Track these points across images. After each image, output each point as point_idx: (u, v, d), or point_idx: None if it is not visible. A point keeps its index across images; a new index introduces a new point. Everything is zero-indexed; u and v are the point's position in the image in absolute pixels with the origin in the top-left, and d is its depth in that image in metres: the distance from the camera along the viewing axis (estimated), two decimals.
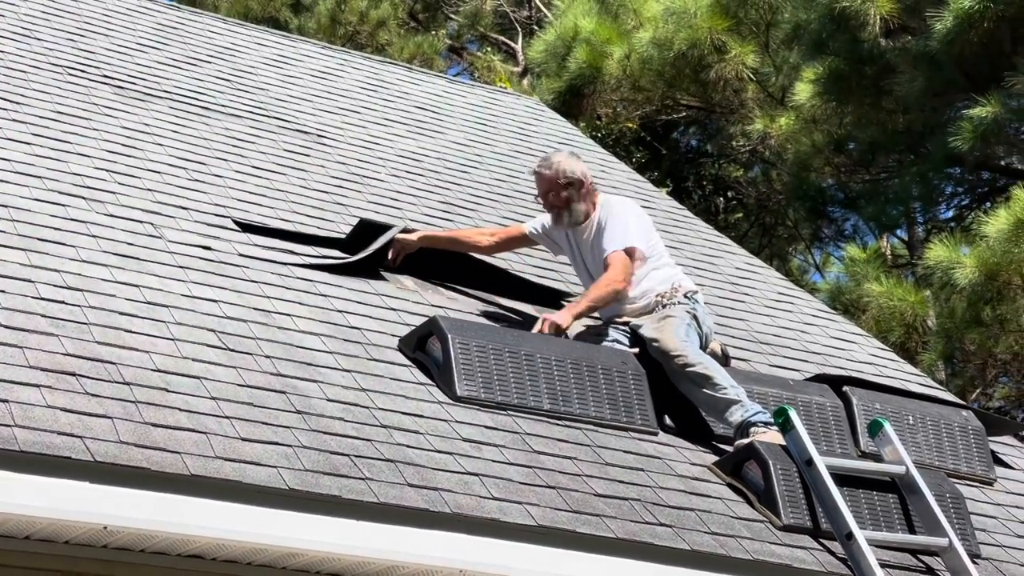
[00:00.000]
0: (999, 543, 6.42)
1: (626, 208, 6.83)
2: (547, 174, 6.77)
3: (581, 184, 6.73)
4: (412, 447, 5.39)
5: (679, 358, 6.32)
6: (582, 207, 6.74)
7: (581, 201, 6.74)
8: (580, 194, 6.73)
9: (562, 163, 6.77)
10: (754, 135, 17.49)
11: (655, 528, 5.43)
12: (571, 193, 6.72)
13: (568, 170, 6.73)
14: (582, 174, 6.74)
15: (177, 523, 4.69)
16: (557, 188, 6.74)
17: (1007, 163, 17.14)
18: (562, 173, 6.73)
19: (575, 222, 6.76)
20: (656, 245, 6.81)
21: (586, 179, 6.75)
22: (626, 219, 6.70)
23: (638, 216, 6.82)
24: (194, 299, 6.04)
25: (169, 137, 7.94)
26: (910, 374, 8.33)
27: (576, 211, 6.74)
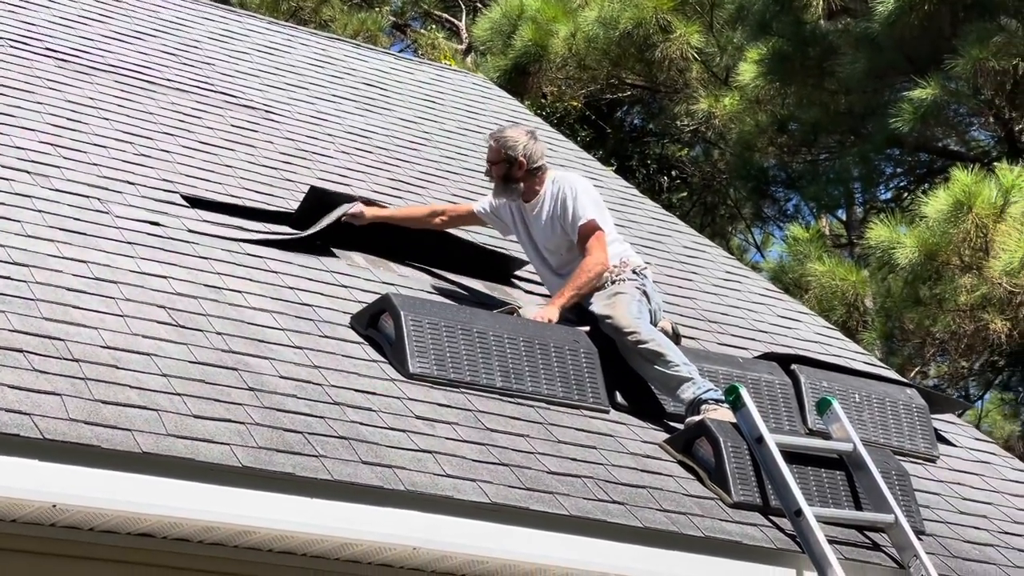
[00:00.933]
0: (942, 519, 6.49)
1: (578, 184, 6.84)
2: (493, 145, 6.86)
3: (521, 164, 6.76)
4: (365, 424, 5.38)
5: (632, 335, 6.34)
6: (520, 185, 6.78)
7: (520, 180, 6.77)
8: (518, 171, 6.76)
9: (508, 138, 6.82)
10: (698, 115, 17.54)
11: (607, 505, 5.44)
12: (509, 169, 6.77)
13: (510, 146, 6.78)
14: (523, 153, 6.76)
15: (128, 501, 4.65)
16: (497, 161, 6.81)
17: (945, 145, 17.29)
18: (504, 147, 6.79)
19: (512, 197, 6.81)
20: (607, 222, 6.83)
21: (528, 158, 6.76)
22: (588, 195, 6.72)
23: (587, 190, 6.83)
24: (143, 275, 5.99)
25: (115, 111, 7.86)
26: (855, 352, 8.39)
27: (512, 187, 6.78)
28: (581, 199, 6.69)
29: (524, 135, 6.86)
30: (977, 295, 13.22)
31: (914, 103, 14.55)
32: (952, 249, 13.20)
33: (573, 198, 6.69)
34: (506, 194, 6.85)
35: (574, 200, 6.68)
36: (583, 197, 6.71)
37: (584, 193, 6.75)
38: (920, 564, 5.80)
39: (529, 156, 6.78)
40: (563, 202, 6.70)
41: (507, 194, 6.84)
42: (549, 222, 6.74)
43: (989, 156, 16.23)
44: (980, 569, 6.09)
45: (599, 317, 6.46)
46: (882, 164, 17.38)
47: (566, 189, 6.73)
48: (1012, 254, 12.68)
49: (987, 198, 12.88)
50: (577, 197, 6.69)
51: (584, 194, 6.74)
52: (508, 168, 6.78)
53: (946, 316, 13.72)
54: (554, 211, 6.72)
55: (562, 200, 6.71)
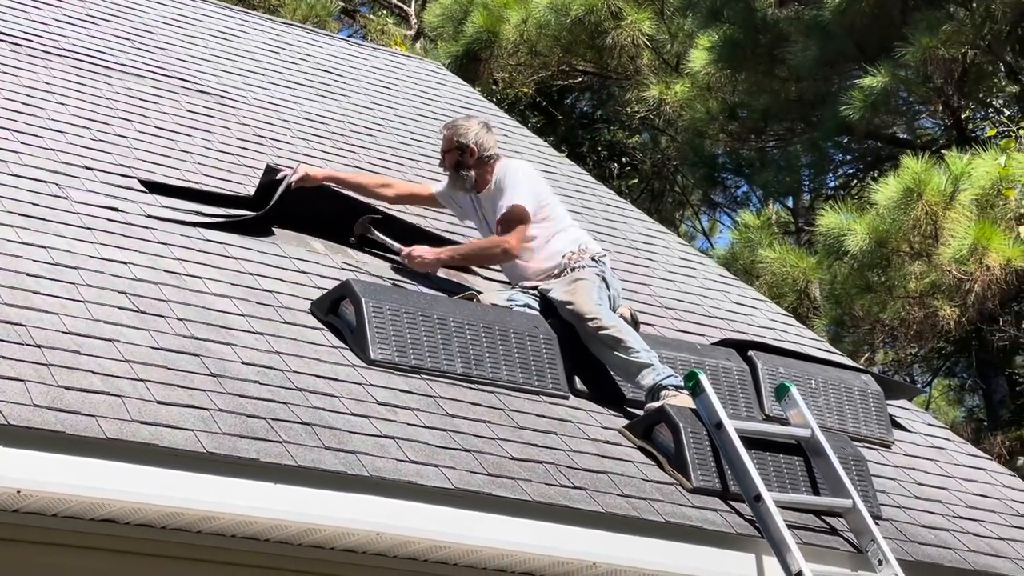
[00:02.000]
0: (898, 504, 6.56)
1: (519, 169, 6.89)
2: (446, 134, 6.97)
3: (472, 152, 6.83)
4: (328, 410, 5.38)
5: (593, 321, 6.37)
6: (472, 174, 6.85)
7: (472, 168, 6.84)
8: (470, 160, 6.84)
9: (460, 128, 6.91)
10: (649, 101, 17.58)
11: (569, 491, 5.47)
12: (460, 158, 6.86)
13: (461, 134, 6.87)
14: (474, 142, 6.83)
15: (92, 487, 4.64)
16: (450, 150, 6.90)
17: (894, 133, 17.41)
18: (456, 136, 6.88)
19: (463, 187, 6.88)
20: (555, 208, 6.86)
21: (479, 146, 6.83)
22: (516, 179, 6.78)
23: (530, 177, 6.87)
24: (103, 260, 5.97)
25: (70, 96, 7.81)
26: (810, 339, 8.46)
27: (464, 176, 6.86)
28: (512, 184, 6.74)
29: (477, 125, 6.95)
30: (926, 282, 13.33)
31: (864, 91, 14.64)
32: (902, 236, 13.30)
33: (508, 183, 6.75)
34: (458, 183, 6.91)
35: (506, 185, 6.75)
36: (514, 181, 6.75)
37: (519, 178, 6.79)
38: (877, 548, 5.86)
39: (480, 144, 6.85)
40: (500, 186, 6.78)
41: (459, 183, 6.91)
42: (493, 212, 6.80)
43: (938, 144, 16.36)
44: (936, 553, 6.16)
45: (559, 303, 6.49)
46: (832, 152, 17.49)
47: (507, 174, 6.80)
48: (961, 241, 12.79)
49: (936, 186, 12.99)
50: (507, 180, 6.76)
51: (518, 179, 6.78)
52: (460, 156, 6.86)
53: (895, 303, 13.82)
54: (495, 196, 6.80)
55: (500, 184, 6.79)
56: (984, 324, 14.92)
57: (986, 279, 12.89)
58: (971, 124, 16.74)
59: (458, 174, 6.89)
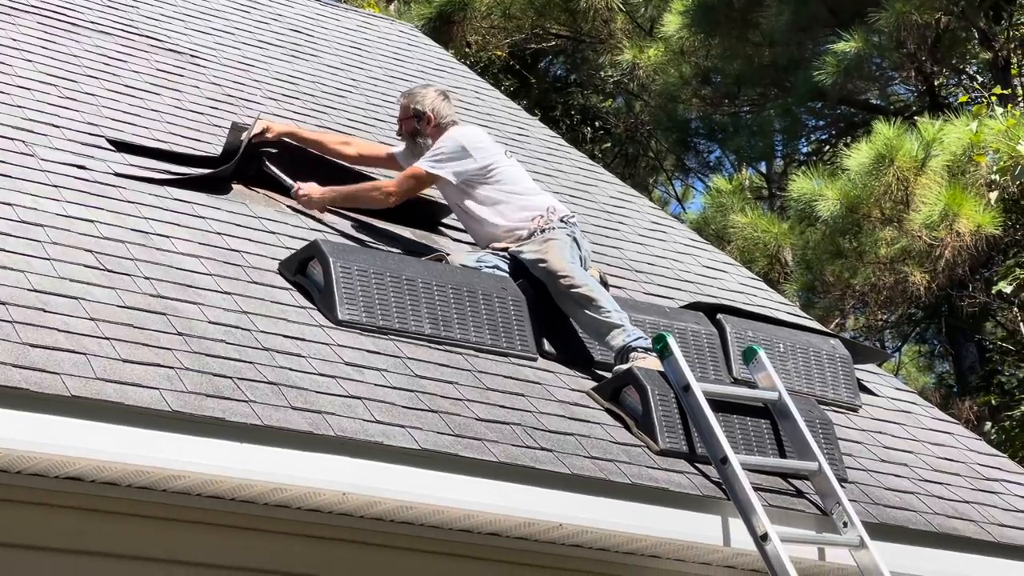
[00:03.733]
0: (864, 467, 6.59)
1: (455, 135, 6.78)
2: (403, 102, 7.01)
3: (429, 120, 6.86)
4: (295, 370, 5.37)
5: (565, 279, 6.36)
6: (429, 141, 6.84)
7: (428, 136, 6.85)
8: (426, 128, 6.86)
9: (417, 96, 6.94)
10: (622, 66, 17.55)
11: (536, 452, 5.47)
12: (416, 126, 6.89)
13: (419, 103, 6.90)
14: (431, 110, 6.85)
15: (56, 444, 4.62)
16: (407, 118, 6.94)
17: (867, 98, 17.43)
18: (413, 104, 6.91)
19: (420, 154, 6.85)
20: (507, 170, 6.74)
21: (435, 115, 6.85)
22: (442, 144, 6.73)
23: (468, 141, 6.73)
24: (70, 219, 5.93)
25: (38, 53, 7.75)
26: (779, 303, 8.47)
27: (421, 144, 6.86)
28: (439, 149, 6.70)
29: (433, 92, 6.97)
30: (897, 248, 13.38)
31: (837, 56, 14.66)
32: (873, 202, 13.34)
33: (438, 145, 6.72)
34: (415, 150, 6.91)
35: (435, 148, 6.72)
36: (446, 149, 6.69)
37: (446, 144, 6.71)
38: (843, 511, 5.89)
39: (436, 112, 6.87)
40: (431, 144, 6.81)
41: (416, 150, 6.91)
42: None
43: (910, 110, 16.39)
44: (901, 515, 6.19)
45: (531, 262, 6.48)
46: (805, 117, 17.50)
47: (443, 138, 6.77)
48: (932, 207, 12.84)
49: (908, 151, 13.02)
50: (441, 146, 6.71)
51: (444, 145, 6.71)
52: (416, 124, 6.89)
53: (866, 268, 13.88)
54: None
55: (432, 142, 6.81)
56: (954, 290, 14.99)
57: (956, 245, 12.95)
58: (944, 90, 16.78)
59: (415, 141, 6.92)
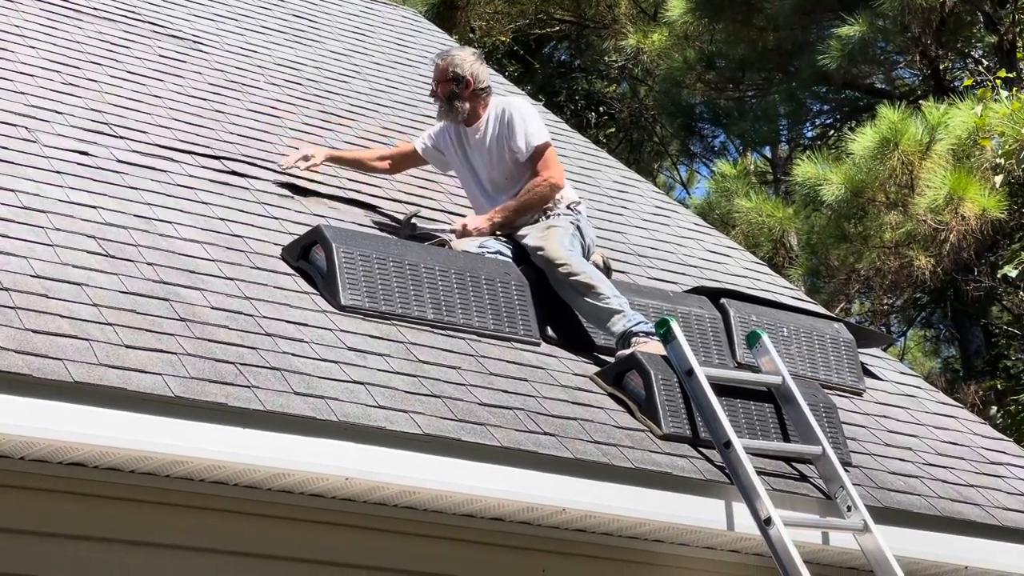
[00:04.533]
0: (868, 451, 6.58)
1: (526, 106, 6.81)
2: (440, 64, 6.81)
3: (467, 84, 6.71)
4: (297, 356, 5.36)
5: (563, 267, 6.36)
6: (466, 105, 6.73)
7: (466, 100, 6.72)
8: (464, 92, 6.71)
9: (456, 58, 6.78)
10: (627, 51, 17.53)
11: (539, 437, 5.47)
12: (454, 88, 6.72)
13: (457, 65, 6.74)
14: (470, 74, 6.72)
15: (60, 430, 4.62)
16: (444, 80, 6.76)
17: (871, 82, 17.40)
18: (451, 67, 6.74)
19: (455, 118, 6.75)
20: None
21: (474, 79, 6.72)
22: (527, 115, 6.70)
23: (537, 114, 6.81)
24: (72, 204, 5.93)
25: (41, 40, 7.74)
26: (783, 287, 8.46)
27: (457, 108, 6.73)
28: (531, 120, 6.67)
29: (472, 56, 6.84)
30: (902, 232, 13.35)
31: (842, 40, 14.62)
32: (878, 186, 13.32)
33: (523, 119, 6.66)
34: (450, 115, 6.78)
35: (524, 121, 6.65)
36: (532, 119, 6.69)
37: (533, 115, 6.74)
38: (846, 495, 5.88)
39: (475, 76, 6.74)
40: (510, 124, 6.66)
41: (451, 115, 6.77)
42: (494, 144, 6.69)
43: (915, 94, 16.35)
44: (905, 499, 6.18)
45: (531, 249, 6.47)
46: (809, 101, 17.47)
47: (513, 111, 6.70)
48: (937, 191, 12.81)
49: (913, 135, 12.99)
50: (526, 118, 6.68)
51: (533, 116, 6.73)
52: (454, 87, 6.73)
53: (871, 253, 13.85)
54: (500, 133, 6.68)
55: (509, 121, 6.67)
56: (959, 274, 14.96)
57: (961, 229, 12.92)
58: (949, 74, 16.73)
59: (452, 106, 6.75)
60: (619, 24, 17.76)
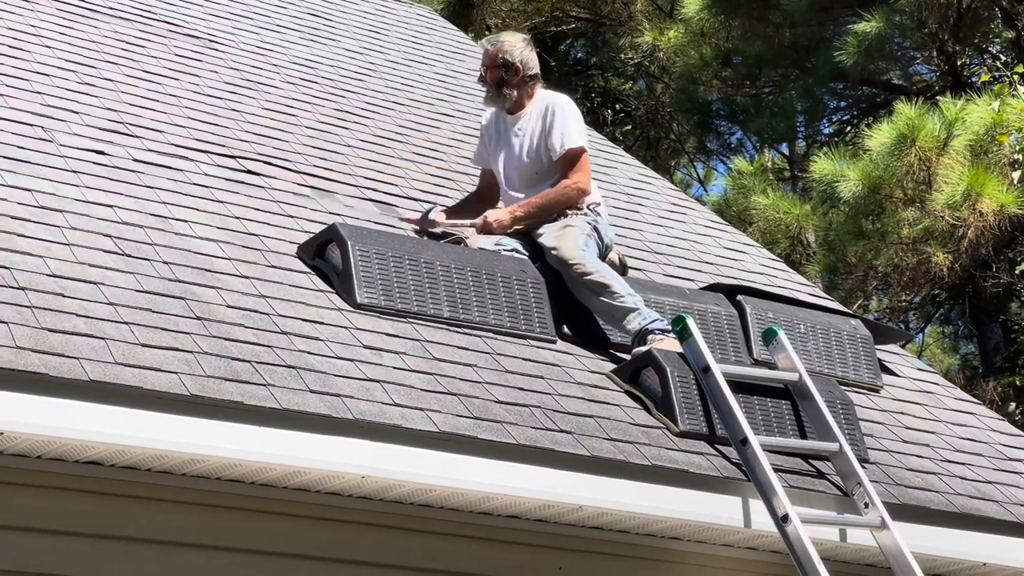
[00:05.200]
0: (886, 448, 6.56)
1: (568, 105, 6.68)
2: (490, 50, 6.71)
3: (517, 71, 6.63)
4: (313, 354, 5.37)
5: (576, 266, 6.34)
6: (514, 93, 6.64)
7: (514, 88, 6.64)
8: (513, 79, 6.62)
9: (506, 44, 6.67)
10: (643, 48, 17.51)
11: (555, 435, 5.47)
12: (503, 75, 6.63)
13: (507, 52, 6.64)
14: (520, 60, 6.63)
15: (76, 429, 4.63)
16: (494, 66, 6.66)
17: (888, 79, 17.35)
18: (501, 52, 6.65)
19: (502, 104, 6.66)
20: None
21: (523, 66, 6.63)
22: (568, 117, 6.60)
23: (578, 116, 6.71)
24: (88, 204, 5.94)
25: (57, 39, 7.77)
26: (800, 284, 8.45)
27: (505, 95, 6.63)
28: (572, 122, 6.59)
29: (521, 41, 6.75)
30: (919, 228, 13.32)
31: (858, 36, 14.58)
32: (895, 182, 13.27)
33: (564, 119, 6.57)
34: (498, 101, 6.68)
35: (565, 122, 6.56)
36: (574, 121, 6.61)
37: (576, 118, 6.64)
38: (864, 491, 5.86)
39: (525, 62, 6.66)
40: (551, 121, 6.57)
41: (499, 101, 6.67)
42: (533, 138, 6.62)
43: (932, 90, 16.30)
44: (923, 496, 6.16)
45: (547, 248, 6.46)
46: (826, 98, 17.43)
47: (557, 109, 6.60)
48: (955, 187, 12.77)
49: (930, 131, 12.95)
50: (568, 119, 6.58)
51: (576, 119, 6.64)
52: (503, 73, 6.65)
53: (889, 249, 13.81)
54: (540, 128, 6.59)
55: (550, 119, 6.58)
56: (977, 270, 14.91)
57: (979, 225, 12.88)
58: (966, 70, 16.68)
59: (500, 92, 6.65)
60: (635, 21, 17.74)
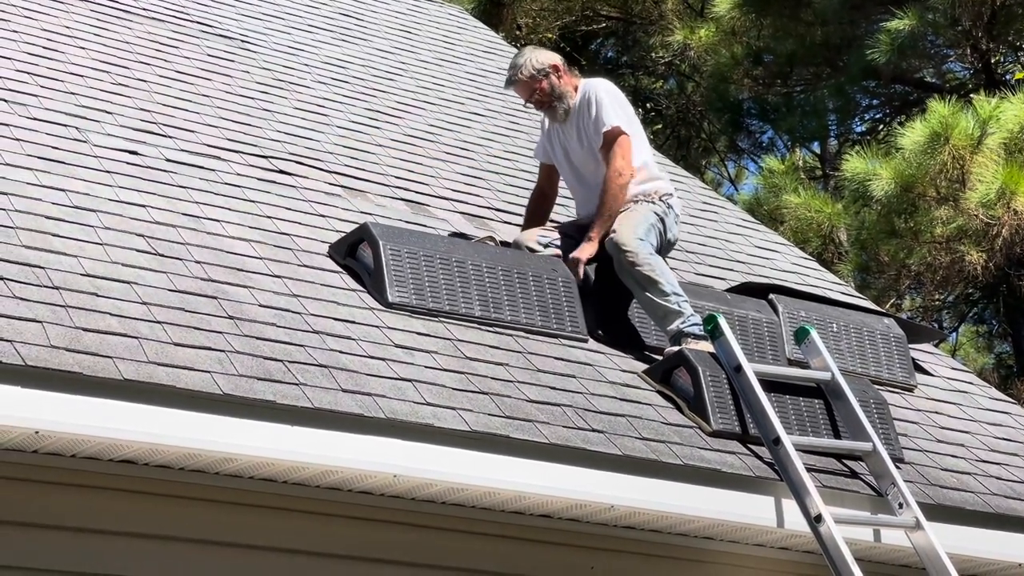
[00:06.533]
0: (920, 448, 6.53)
1: (609, 88, 6.58)
2: (522, 78, 6.56)
3: (556, 68, 6.54)
4: (345, 353, 5.37)
5: (628, 255, 6.27)
6: (568, 90, 6.54)
7: (564, 86, 6.53)
8: (560, 80, 6.52)
9: (529, 60, 6.56)
10: (674, 47, 17.47)
11: (587, 434, 5.46)
12: (551, 81, 6.53)
13: (537, 62, 6.54)
14: (549, 63, 6.54)
15: (110, 428, 4.65)
16: (537, 84, 6.54)
17: (921, 77, 17.27)
18: (533, 68, 6.53)
19: (567, 107, 6.53)
20: (637, 135, 6.54)
21: (558, 62, 6.56)
22: (615, 100, 6.50)
23: (621, 98, 6.58)
24: (121, 204, 5.97)
25: (90, 40, 7.80)
26: (832, 283, 8.42)
27: (564, 96, 6.52)
28: (606, 104, 6.47)
29: (534, 50, 6.63)
30: (953, 227, 13.24)
31: (891, 34, 14.51)
32: (928, 181, 13.20)
33: (598, 101, 6.47)
34: (563, 104, 6.51)
35: (599, 105, 6.46)
36: (608, 101, 6.48)
37: (610, 97, 6.51)
38: (898, 492, 5.84)
39: (555, 59, 6.53)
40: (588, 106, 6.48)
41: (563, 104, 6.51)
42: (581, 131, 6.55)
43: (965, 88, 16.22)
44: (958, 496, 6.13)
45: (610, 233, 6.37)
46: (858, 96, 17.36)
47: (592, 94, 6.50)
48: (988, 186, 12.70)
49: (964, 130, 12.88)
50: (602, 100, 6.47)
51: (611, 98, 6.50)
52: (550, 79, 6.50)
53: (922, 248, 13.74)
54: (587, 118, 6.51)
55: (587, 105, 6.49)
56: (1012, 269, 14.83)
57: (1014, 224, 12.80)
58: (1000, 67, 16.59)
59: (558, 97, 6.50)
60: (666, 20, 17.71)
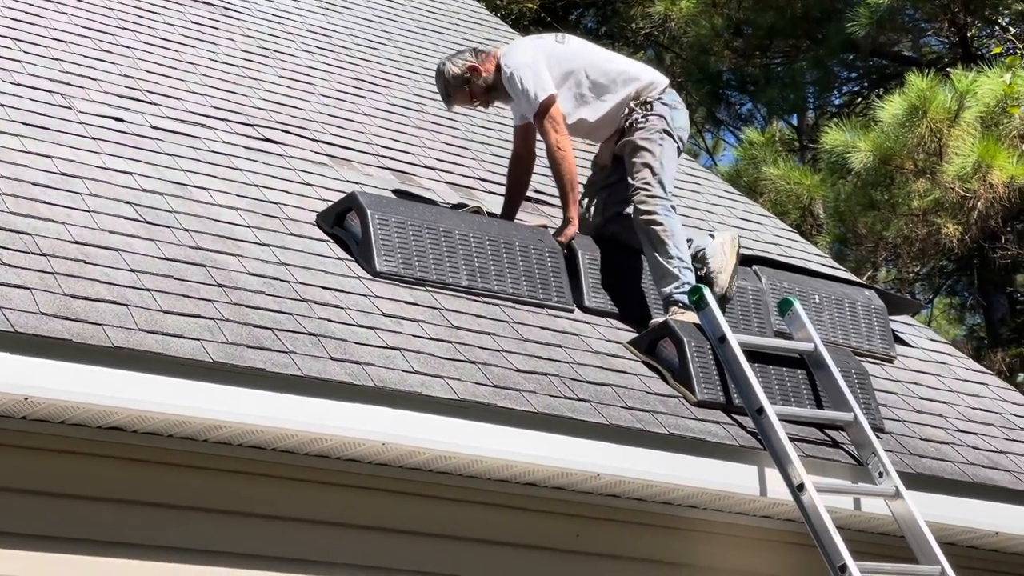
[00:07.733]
0: (900, 418, 6.59)
1: (517, 58, 6.48)
2: (454, 92, 6.57)
3: (473, 69, 6.52)
4: (333, 321, 5.40)
5: (647, 214, 6.29)
6: (495, 77, 6.50)
7: (489, 75, 6.52)
8: (482, 74, 6.52)
9: (449, 76, 6.52)
10: (654, 17, 17.47)
11: (574, 403, 5.50)
12: (477, 83, 6.53)
13: (454, 74, 6.52)
14: (464, 64, 6.52)
15: (99, 395, 4.66)
16: (469, 89, 6.55)
17: (899, 50, 17.33)
18: (456, 80, 6.52)
19: (505, 90, 6.52)
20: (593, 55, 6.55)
21: (477, 59, 6.54)
22: (526, 70, 6.42)
23: (531, 57, 6.46)
24: (108, 171, 5.97)
25: (74, 6, 7.77)
26: (813, 255, 8.46)
27: (497, 84, 6.52)
28: (521, 81, 6.40)
29: (445, 65, 6.57)
30: (930, 199, 13.32)
31: (870, 8, 14.56)
32: (906, 154, 13.27)
33: (519, 79, 6.41)
34: (502, 93, 6.54)
35: (519, 85, 6.40)
36: (524, 76, 6.40)
37: (523, 70, 6.41)
38: (878, 461, 5.90)
39: (466, 60, 6.53)
40: (512, 89, 6.45)
41: (501, 92, 6.54)
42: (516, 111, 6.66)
43: (943, 62, 16.28)
44: (936, 465, 6.19)
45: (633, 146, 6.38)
46: (837, 69, 17.41)
47: (507, 76, 6.45)
48: (965, 159, 12.76)
49: (941, 103, 12.94)
50: (522, 76, 6.40)
51: (524, 71, 6.41)
52: (474, 80, 6.52)
53: (899, 220, 13.82)
54: (515, 97, 6.51)
55: (511, 86, 6.45)
56: (986, 242, 14.93)
57: (989, 197, 12.88)
58: (977, 42, 16.65)
59: (494, 89, 6.53)
60: None
